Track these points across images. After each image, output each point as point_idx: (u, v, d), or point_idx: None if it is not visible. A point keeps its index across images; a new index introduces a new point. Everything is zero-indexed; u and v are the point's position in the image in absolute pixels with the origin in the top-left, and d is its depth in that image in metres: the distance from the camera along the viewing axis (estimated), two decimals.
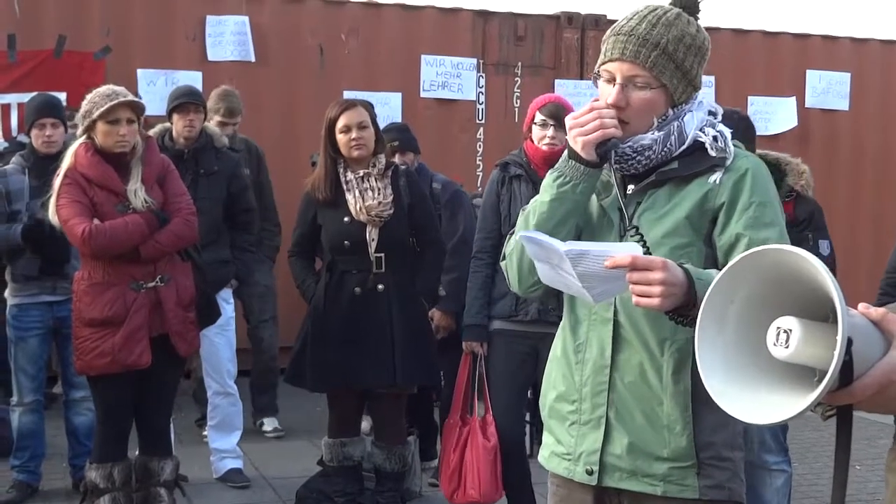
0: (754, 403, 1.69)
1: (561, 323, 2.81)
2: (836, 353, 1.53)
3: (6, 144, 7.45)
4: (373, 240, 5.08)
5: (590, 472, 2.63)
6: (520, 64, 9.76)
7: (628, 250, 2.32)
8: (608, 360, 2.60)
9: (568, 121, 2.59)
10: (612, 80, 2.56)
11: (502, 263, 2.82)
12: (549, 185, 2.61)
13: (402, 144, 6.21)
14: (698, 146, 2.56)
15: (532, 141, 5.06)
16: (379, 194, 5.12)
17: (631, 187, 2.61)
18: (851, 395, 1.61)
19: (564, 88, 9.42)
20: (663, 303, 2.25)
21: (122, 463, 4.91)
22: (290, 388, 5.69)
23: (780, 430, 5.00)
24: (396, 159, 5.79)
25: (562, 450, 2.71)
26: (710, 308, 1.76)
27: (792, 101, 10.48)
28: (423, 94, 9.44)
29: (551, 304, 4.47)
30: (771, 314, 1.66)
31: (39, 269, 5.64)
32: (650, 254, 2.46)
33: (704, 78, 8.68)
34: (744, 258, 1.71)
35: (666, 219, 2.54)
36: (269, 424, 7.37)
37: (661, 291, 2.24)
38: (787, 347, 1.62)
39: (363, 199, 5.11)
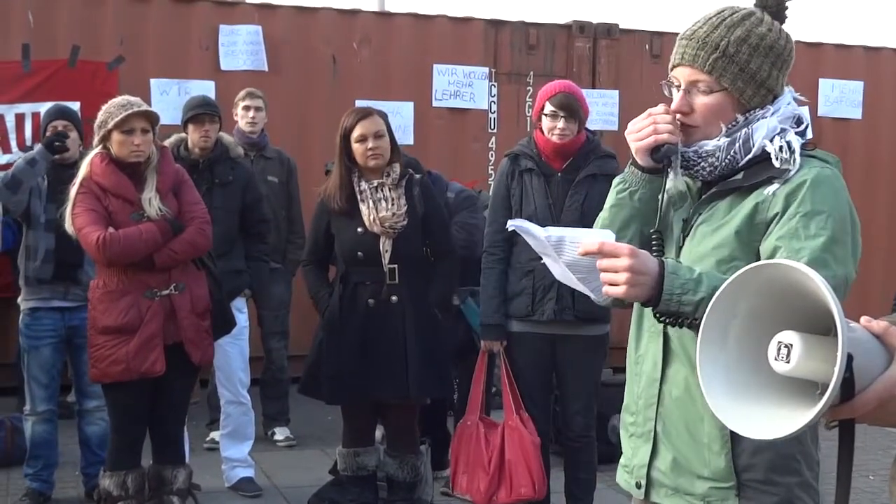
0: (756, 418, 1.69)
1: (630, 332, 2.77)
2: (836, 370, 1.53)
3: (21, 153, 7.48)
4: (386, 251, 5.08)
5: (639, 486, 2.62)
6: (532, 73, 9.77)
7: (600, 237, 2.29)
8: (659, 373, 2.56)
9: (628, 127, 2.54)
10: (680, 86, 2.52)
11: None
12: (612, 191, 2.63)
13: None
14: (766, 156, 2.44)
15: (542, 132, 5.04)
16: (393, 205, 5.11)
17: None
18: (853, 409, 1.62)
19: None
20: (629, 291, 2.21)
21: (135, 471, 4.94)
22: (301, 396, 5.72)
23: None
24: None
25: (624, 461, 2.71)
26: (711, 322, 1.76)
27: (804, 110, 10.44)
28: (434, 104, 9.46)
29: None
30: (773, 329, 1.67)
31: (53, 274, 5.69)
32: (662, 253, 2.46)
33: None
34: (745, 272, 1.72)
35: (718, 231, 2.47)
36: (280, 434, 7.40)
37: (626, 279, 2.19)
38: (787, 362, 1.63)
39: (377, 209, 5.10)
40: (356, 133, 5.10)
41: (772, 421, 1.67)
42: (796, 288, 1.65)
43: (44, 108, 8.07)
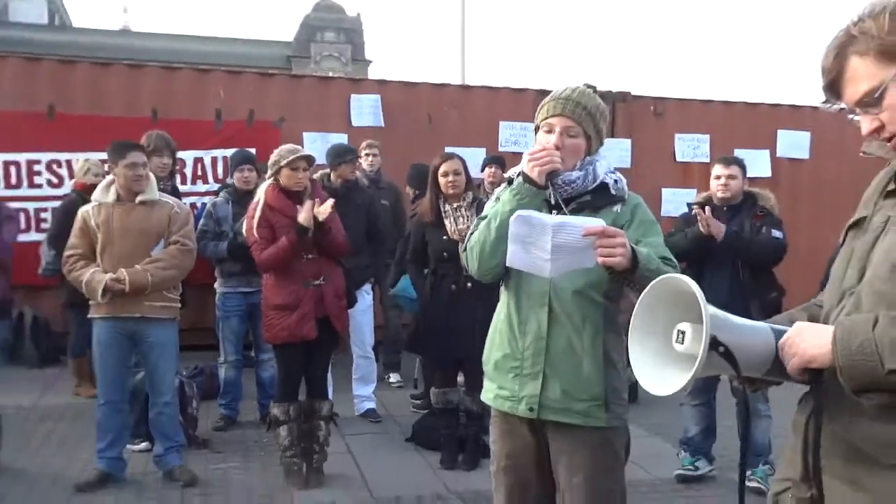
0: (665, 382, 1.69)
1: (501, 302, 2.82)
2: (703, 343, 1.56)
3: (219, 185, 7.67)
4: (463, 251, 5.12)
5: (531, 409, 2.67)
6: None
7: (597, 223, 2.39)
8: (545, 332, 2.64)
9: (526, 156, 2.62)
10: (551, 131, 2.64)
11: (462, 254, 2.85)
12: (508, 199, 2.64)
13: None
14: (603, 185, 2.68)
15: None
16: (468, 220, 5.15)
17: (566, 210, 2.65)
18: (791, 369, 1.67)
19: None
20: (621, 261, 2.34)
21: (295, 403, 4.96)
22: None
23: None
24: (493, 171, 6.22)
25: (506, 393, 2.73)
26: (638, 320, 1.77)
27: (766, 153, 10.33)
28: (500, 149, 9.42)
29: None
30: (684, 322, 1.68)
31: (241, 269, 5.86)
32: None
33: (702, 135, 8.69)
34: (655, 285, 1.74)
35: None
36: (393, 377, 7.46)
37: (622, 251, 2.33)
38: (682, 343, 1.65)
39: (456, 223, 5.16)
40: (441, 170, 5.17)
41: (671, 384, 1.68)
42: (690, 294, 1.65)
43: (230, 153, 8.32)
